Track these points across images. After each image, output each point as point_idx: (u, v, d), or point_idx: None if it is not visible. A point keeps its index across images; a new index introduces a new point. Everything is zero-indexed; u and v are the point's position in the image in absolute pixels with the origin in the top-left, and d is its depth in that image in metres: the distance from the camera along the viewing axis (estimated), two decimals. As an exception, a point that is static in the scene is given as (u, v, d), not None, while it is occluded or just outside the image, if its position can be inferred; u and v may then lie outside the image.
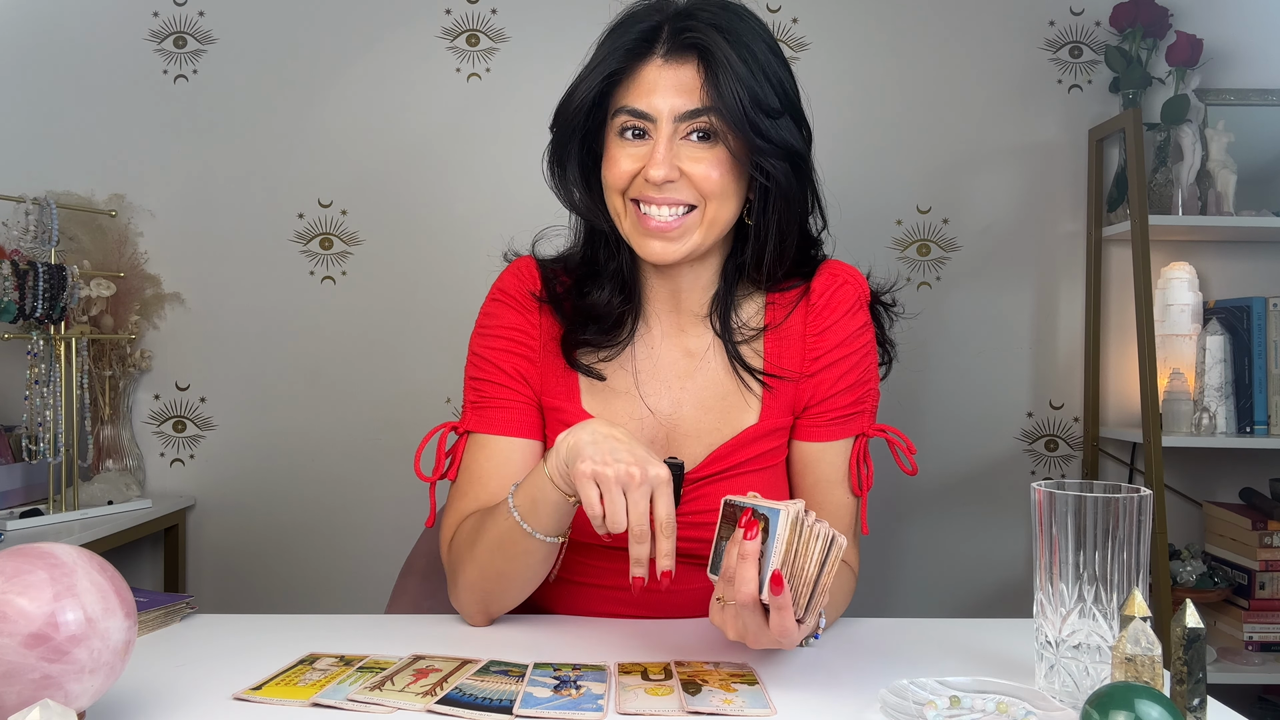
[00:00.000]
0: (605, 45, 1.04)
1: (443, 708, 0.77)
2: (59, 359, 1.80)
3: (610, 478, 0.85)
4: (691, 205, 1.01)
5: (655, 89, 1.00)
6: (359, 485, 2.14)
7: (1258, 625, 1.98)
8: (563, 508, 0.93)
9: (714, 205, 1.01)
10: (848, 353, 1.08)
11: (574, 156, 1.06)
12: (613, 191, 1.03)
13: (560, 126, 1.06)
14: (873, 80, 2.15)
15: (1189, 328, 2.05)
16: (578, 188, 1.07)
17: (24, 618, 0.65)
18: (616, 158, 1.02)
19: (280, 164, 2.14)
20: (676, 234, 1.01)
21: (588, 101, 1.03)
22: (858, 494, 1.11)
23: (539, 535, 0.95)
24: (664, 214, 1.00)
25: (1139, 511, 0.77)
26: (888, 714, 0.75)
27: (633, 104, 1.00)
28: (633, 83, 1.01)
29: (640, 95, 1.00)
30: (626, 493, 0.86)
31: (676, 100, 0.99)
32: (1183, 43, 2.04)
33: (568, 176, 1.07)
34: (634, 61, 1.02)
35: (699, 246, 1.02)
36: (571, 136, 1.05)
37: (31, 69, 2.12)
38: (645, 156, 1.00)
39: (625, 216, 1.03)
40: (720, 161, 1.00)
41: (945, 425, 2.15)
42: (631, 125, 1.01)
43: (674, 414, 1.08)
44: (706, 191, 1.00)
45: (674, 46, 1.00)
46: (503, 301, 1.11)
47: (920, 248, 2.16)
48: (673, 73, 1.00)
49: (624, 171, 1.01)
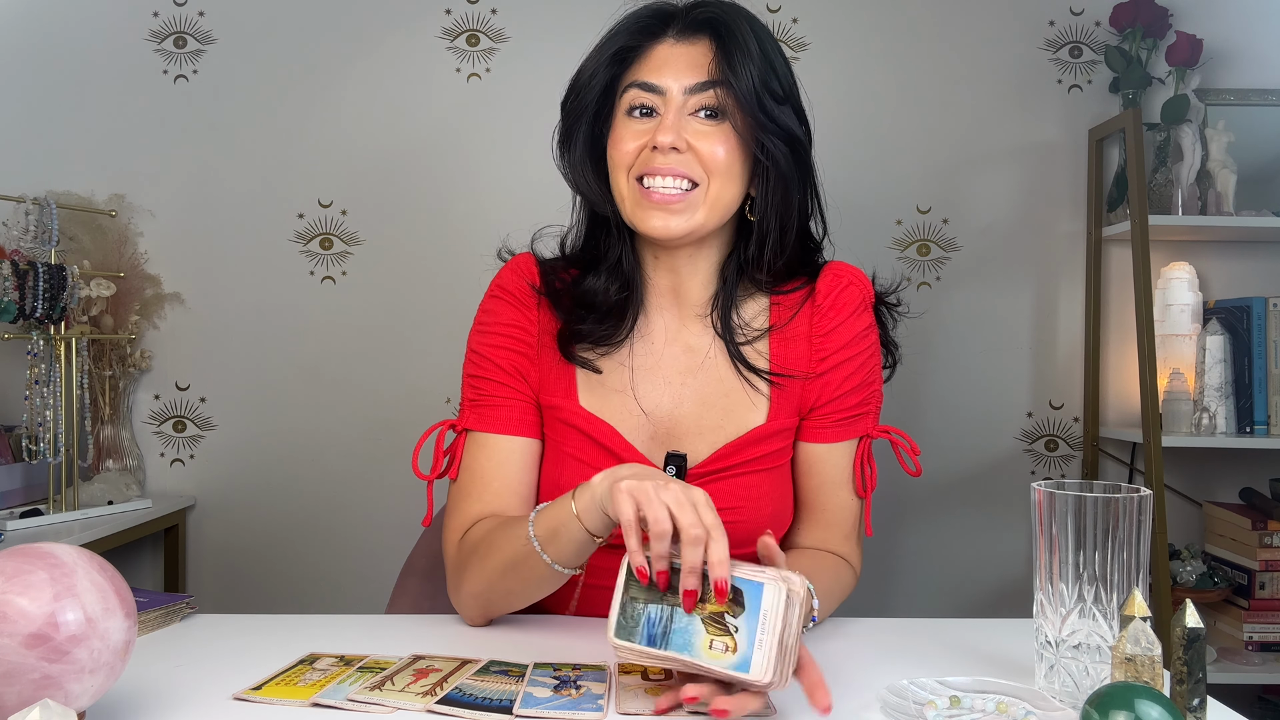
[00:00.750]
0: (615, 28, 1.06)
1: (443, 708, 0.77)
2: (59, 359, 1.80)
3: (650, 490, 0.80)
4: (694, 183, 1.01)
5: (666, 64, 1.02)
6: (359, 485, 2.14)
7: (1258, 625, 1.98)
8: (584, 544, 0.90)
9: (717, 183, 1.01)
10: (853, 354, 1.08)
11: (583, 138, 1.07)
12: (619, 169, 1.03)
13: (570, 105, 1.07)
14: (873, 80, 2.15)
15: (1189, 328, 2.05)
16: (584, 171, 1.08)
17: (24, 618, 0.65)
18: (623, 136, 1.03)
19: (280, 164, 2.14)
20: (679, 207, 1.01)
21: (599, 81, 1.04)
22: (861, 495, 1.11)
23: (557, 567, 0.92)
24: (668, 185, 1.00)
25: (1139, 511, 0.77)
26: (888, 714, 0.75)
27: (643, 78, 1.02)
28: (644, 60, 1.03)
29: (651, 70, 1.02)
30: (669, 504, 0.79)
31: (687, 75, 1.01)
32: (1183, 43, 2.04)
33: (575, 158, 1.08)
34: (646, 39, 1.04)
35: (701, 226, 1.02)
36: (581, 116, 1.06)
37: (31, 69, 2.12)
38: (651, 131, 1.01)
39: (628, 197, 1.03)
40: (726, 139, 1.01)
41: (945, 425, 2.15)
42: (641, 103, 1.02)
43: (675, 410, 1.08)
44: (711, 168, 1.01)
45: (687, 25, 1.03)
46: (501, 298, 1.11)
47: (920, 248, 2.17)
48: (685, 49, 1.02)
49: (630, 149, 1.02)
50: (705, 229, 1.04)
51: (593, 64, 1.05)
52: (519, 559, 0.94)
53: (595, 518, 0.88)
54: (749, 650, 0.73)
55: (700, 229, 1.03)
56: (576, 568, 0.93)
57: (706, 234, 1.05)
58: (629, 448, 1.06)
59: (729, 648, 0.74)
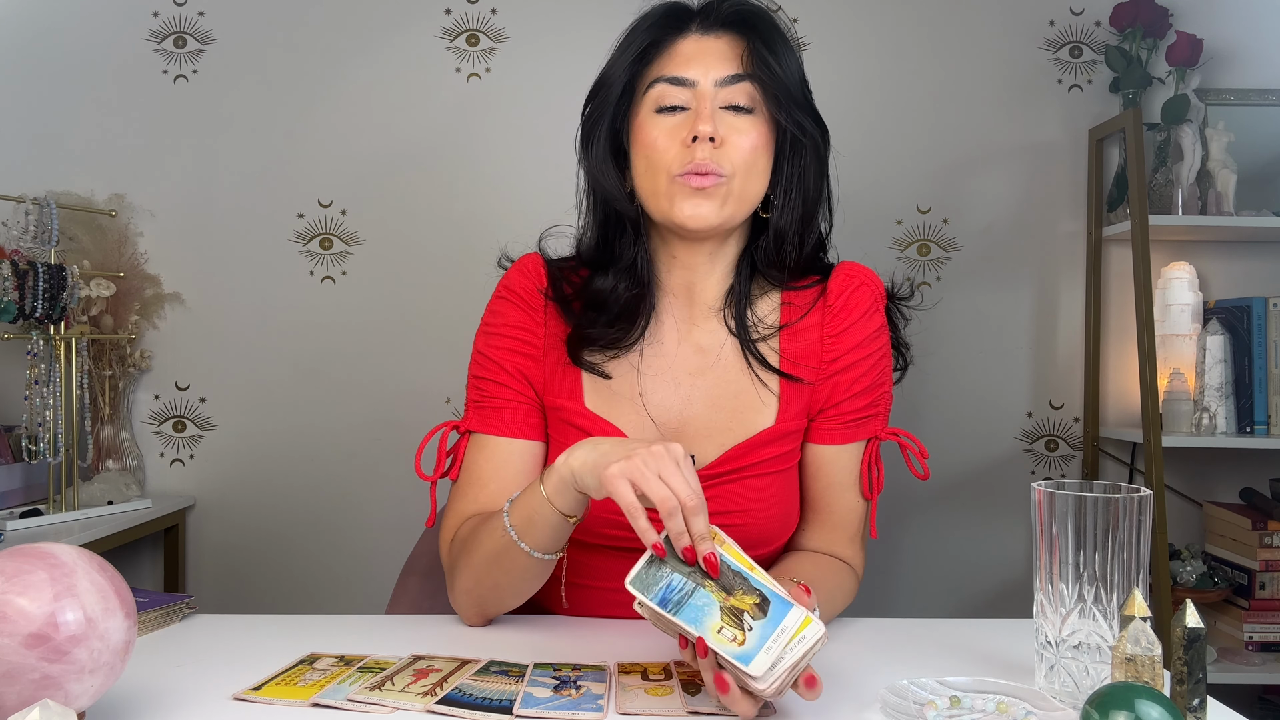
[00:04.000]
0: (635, 27, 1.05)
1: (443, 708, 0.77)
2: (59, 359, 1.80)
3: (641, 467, 0.81)
4: (726, 175, 1.01)
5: (694, 58, 1.02)
6: (359, 485, 2.14)
7: (1258, 625, 1.98)
8: (560, 526, 0.92)
9: (741, 179, 1.01)
10: (864, 355, 1.08)
11: (603, 138, 1.07)
12: (657, 171, 1.01)
13: (593, 104, 1.07)
14: (873, 80, 2.15)
15: (1189, 328, 2.05)
16: (607, 169, 1.07)
17: (24, 618, 0.65)
18: (654, 135, 1.01)
19: (280, 164, 2.14)
20: (713, 190, 1.00)
21: (622, 79, 1.04)
22: (868, 497, 1.10)
23: (535, 553, 0.94)
24: (706, 180, 0.99)
25: (1139, 511, 0.77)
26: (888, 714, 0.75)
27: (672, 72, 1.01)
28: (669, 56, 1.03)
29: (679, 64, 1.02)
30: (663, 475, 0.81)
31: (717, 68, 1.01)
32: (1183, 43, 2.04)
33: (595, 158, 1.07)
34: (669, 35, 1.04)
35: (729, 219, 1.02)
36: (603, 116, 1.06)
37: (31, 69, 2.12)
38: (683, 128, 1.00)
39: (664, 192, 1.01)
40: (756, 132, 1.01)
41: (945, 425, 2.15)
42: (668, 99, 1.01)
43: (684, 411, 1.07)
44: (739, 162, 1.00)
45: (714, 20, 1.03)
46: (508, 299, 1.11)
47: (920, 248, 2.16)
48: (712, 43, 1.02)
49: (665, 146, 1.00)
50: (733, 222, 1.03)
51: (617, 64, 1.04)
52: (500, 550, 0.95)
53: (566, 498, 0.89)
54: (755, 649, 0.74)
55: (729, 221, 1.03)
56: (556, 551, 0.95)
57: (731, 228, 1.05)
58: None
59: (736, 639, 0.75)
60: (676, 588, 0.78)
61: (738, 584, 0.78)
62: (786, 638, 0.75)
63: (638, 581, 0.79)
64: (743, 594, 0.78)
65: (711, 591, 0.78)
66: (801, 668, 0.74)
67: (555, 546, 0.94)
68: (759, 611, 0.76)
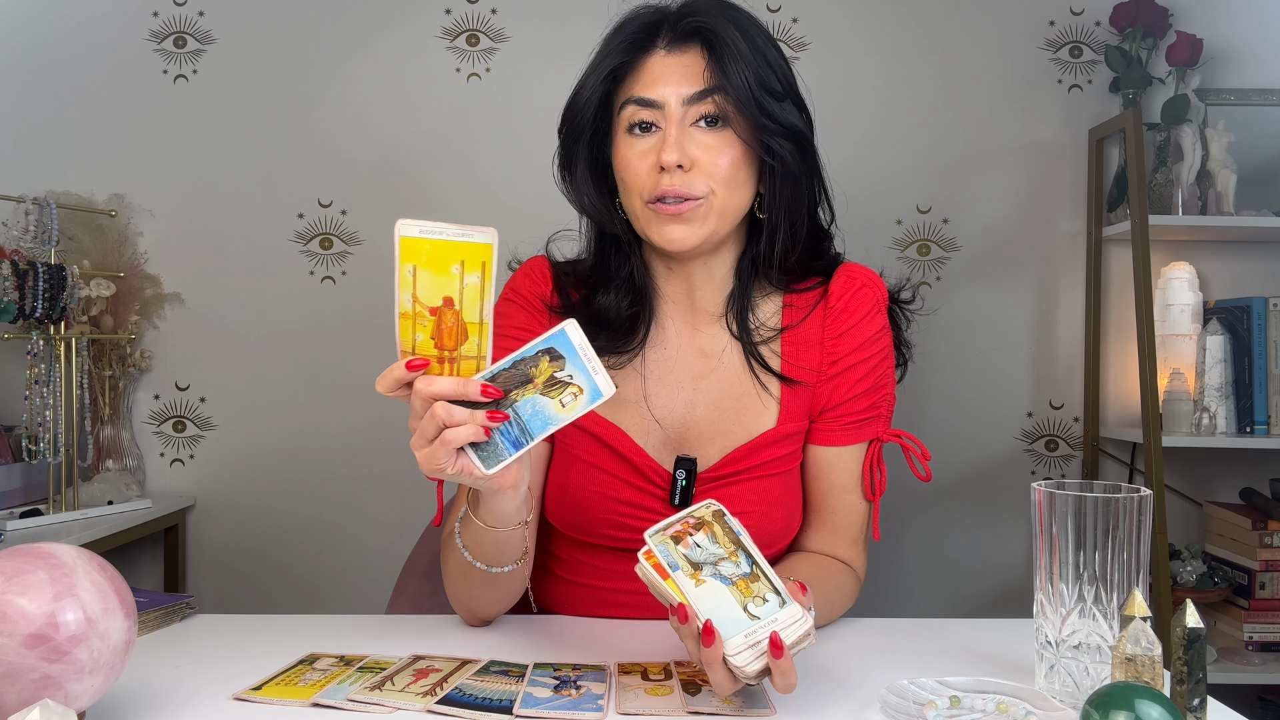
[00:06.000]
0: (606, 45, 1.05)
1: (443, 708, 0.77)
2: (59, 359, 1.80)
3: (425, 463, 0.80)
4: (704, 195, 1.00)
5: (660, 77, 1.01)
6: (359, 485, 2.14)
7: (1258, 625, 1.98)
8: (496, 539, 0.92)
9: (724, 193, 1.00)
10: (865, 357, 1.08)
11: (583, 159, 1.06)
12: (631, 194, 1.02)
13: (568, 127, 1.07)
14: (873, 80, 2.15)
15: (1189, 328, 2.05)
16: (588, 191, 1.07)
17: (24, 618, 0.65)
18: (628, 158, 1.02)
19: (280, 164, 2.14)
20: (689, 214, 1.00)
21: (594, 99, 1.03)
22: (870, 499, 1.10)
23: (493, 569, 0.94)
24: (680, 202, 0.99)
25: (1139, 511, 0.77)
26: (888, 714, 0.75)
27: (640, 93, 1.01)
28: (637, 75, 1.02)
29: (646, 85, 1.01)
30: (434, 422, 0.80)
31: (683, 85, 1.00)
32: (1183, 43, 2.04)
33: (578, 179, 1.07)
34: (637, 54, 1.03)
35: (712, 235, 1.02)
36: (579, 137, 1.06)
37: (31, 69, 2.12)
38: (655, 149, 1.00)
39: (641, 215, 1.03)
40: (729, 146, 1.00)
41: (945, 425, 2.15)
42: (639, 118, 1.01)
43: (687, 415, 1.08)
44: (717, 178, 1.00)
45: (676, 36, 1.02)
46: (514, 302, 1.11)
47: (920, 248, 2.16)
48: (677, 60, 1.01)
49: (639, 170, 1.01)
50: (717, 236, 1.03)
51: (588, 85, 1.04)
52: (462, 565, 0.96)
53: (487, 510, 0.89)
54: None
55: (713, 237, 1.03)
56: (510, 564, 0.95)
57: (719, 240, 1.05)
58: (639, 451, 1.06)
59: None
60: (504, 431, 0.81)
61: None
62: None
63: (489, 460, 0.81)
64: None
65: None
66: (769, 639, 0.75)
67: (509, 559, 0.94)
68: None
